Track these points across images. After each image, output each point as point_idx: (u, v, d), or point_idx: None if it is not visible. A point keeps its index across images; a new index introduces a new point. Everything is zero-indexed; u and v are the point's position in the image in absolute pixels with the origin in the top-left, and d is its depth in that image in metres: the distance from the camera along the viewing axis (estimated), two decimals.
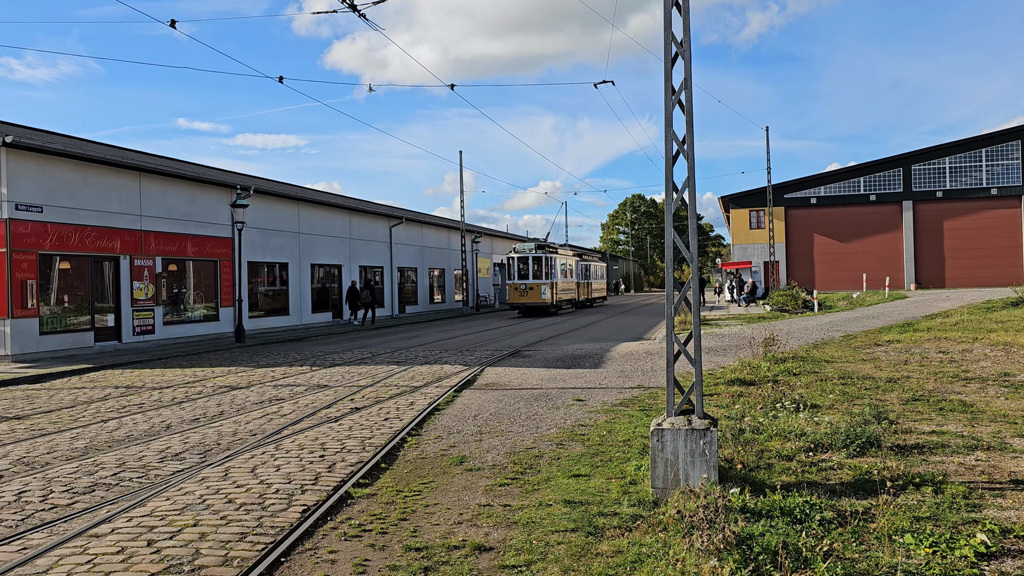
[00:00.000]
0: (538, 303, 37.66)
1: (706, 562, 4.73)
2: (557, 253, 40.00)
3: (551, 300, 38.00)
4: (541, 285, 37.69)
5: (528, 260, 37.94)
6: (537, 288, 37.74)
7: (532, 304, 37.81)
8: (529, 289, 37.70)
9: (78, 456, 8.68)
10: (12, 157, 19.25)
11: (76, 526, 6.07)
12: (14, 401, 13.23)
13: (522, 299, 37.94)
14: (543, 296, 37.52)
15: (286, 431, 9.85)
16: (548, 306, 37.95)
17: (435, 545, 5.50)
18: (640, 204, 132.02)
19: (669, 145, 6.64)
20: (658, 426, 6.47)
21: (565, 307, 42.41)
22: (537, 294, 37.68)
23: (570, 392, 12.64)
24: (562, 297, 40.41)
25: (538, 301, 37.60)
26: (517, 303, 38.21)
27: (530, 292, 37.67)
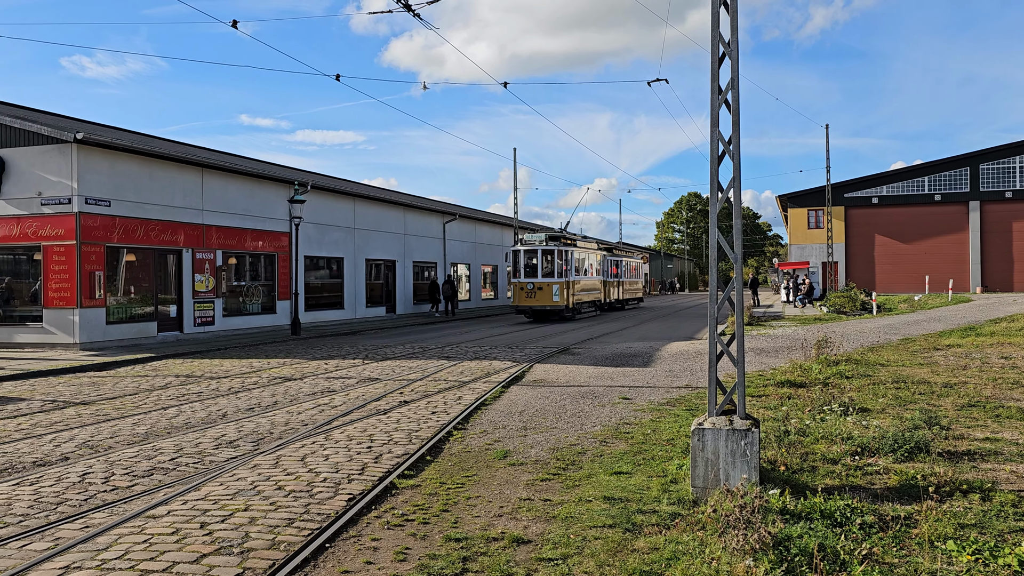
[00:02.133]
0: (548, 306, 31.33)
1: (740, 561, 4.75)
2: (575, 246, 33.82)
3: (566, 302, 31.78)
4: (552, 284, 31.22)
5: (537, 254, 31.55)
6: (547, 288, 31.26)
7: (541, 308, 31.46)
8: (537, 290, 31.26)
9: (139, 441, 9.05)
10: (82, 153, 20.03)
11: (135, 507, 6.36)
12: (81, 387, 13.80)
13: (528, 301, 31.53)
14: (554, 298, 31.18)
15: (336, 422, 10.11)
16: (561, 309, 31.71)
17: (474, 536, 5.62)
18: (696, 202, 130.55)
19: (715, 145, 6.64)
20: (699, 425, 6.48)
21: (586, 310, 36.06)
22: (547, 295, 31.25)
23: (617, 390, 12.66)
24: (581, 299, 34.35)
25: (548, 304, 31.25)
26: (523, 306, 31.81)
27: (538, 293, 31.26)
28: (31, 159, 20.21)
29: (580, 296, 34.01)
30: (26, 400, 12.36)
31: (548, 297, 31.31)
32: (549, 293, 31.32)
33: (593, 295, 36.63)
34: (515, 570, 4.98)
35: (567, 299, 31.91)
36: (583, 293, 34.61)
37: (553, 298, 31.22)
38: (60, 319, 20.05)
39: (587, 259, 35.82)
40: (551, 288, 31.31)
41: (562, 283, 31.55)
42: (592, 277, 36.59)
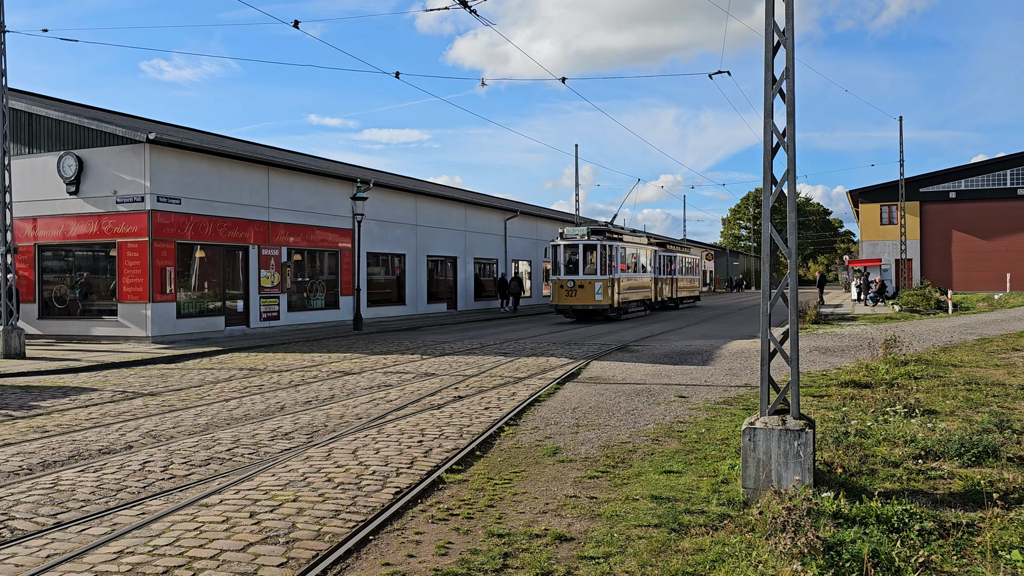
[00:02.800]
0: (590, 305, 29.06)
1: (787, 566, 4.60)
2: (621, 240, 31.54)
3: (611, 301, 29.46)
4: (595, 282, 28.87)
5: (578, 249, 29.32)
6: (589, 286, 28.95)
7: (582, 307, 29.23)
8: (579, 287, 28.94)
9: (199, 432, 9.30)
10: (154, 153, 20.70)
11: (189, 496, 6.53)
12: (150, 379, 14.27)
13: (569, 300, 29.25)
14: (597, 296, 28.85)
15: (390, 416, 10.20)
16: (606, 309, 29.36)
17: (517, 532, 5.59)
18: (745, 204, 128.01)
19: (768, 137, 6.45)
20: (750, 425, 6.32)
21: (634, 310, 33.47)
22: (589, 293, 28.97)
23: (673, 388, 12.46)
24: (628, 297, 31.82)
25: (590, 303, 29.00)
26: (563, 305, 29.58)
27: (579, 291, 28.96)
28: (107, 159, 20.99)
29: (627, 295, 31.72)
30: (98, 391, 12.84)
31: (590, 295, 29.00)
32: (591, 291, 29.00)
33: (642, 293, 34.30)
34: (555, 567, 4.93)
35: (612, 297, 29.58)
36: (630, 291, 32.32)
37: (595, 296, 28.90)
38: (133, 313, 20.79)
39: (636, 255, 33.74)
40: (593, 286, 28.98)
41: (606, 280, 29.22)
42: (641, 274, 34.40)
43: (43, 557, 5.13)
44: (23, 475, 7.29)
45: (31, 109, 21.95)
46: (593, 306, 29.10)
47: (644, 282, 34.80)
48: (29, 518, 5.97)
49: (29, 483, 6.98)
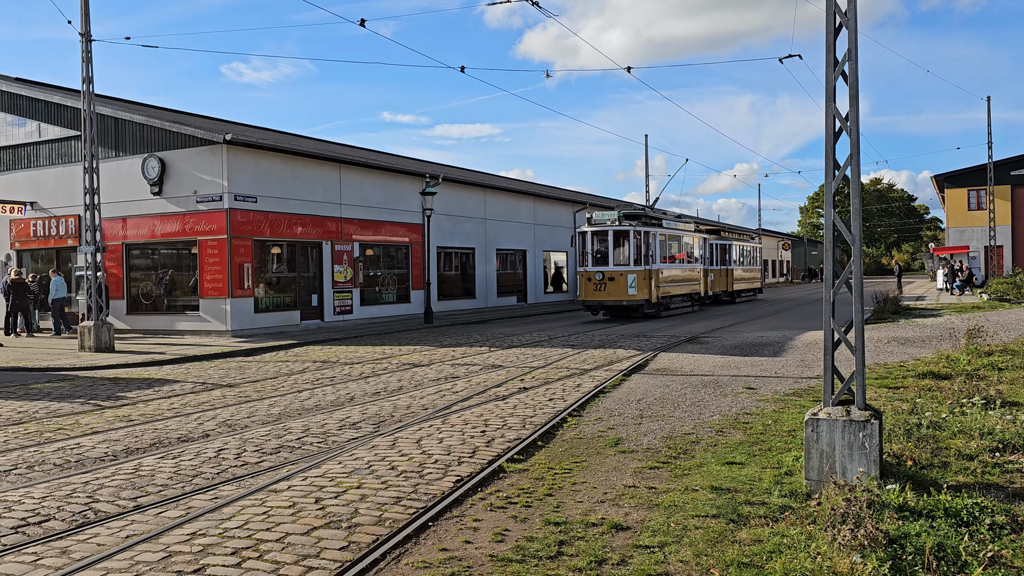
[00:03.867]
0: (624, 301, 25.48)
1: (846, 558, 4.51)
2: (659, 226, 27.98)
3: (648, 295, 25.86)
4: (627, 274, 25.33)
5: (608, 236, 25.75)
6: (621, 279, 25.39)
7: (614, 303, 25.70)
8: (608, 280, 25.43)
9: (272, 421, 9.63)
10: (231, 153, 21.41)
11: (259, 482, 6.78)
12: (228, 371, 14.82)
13: (597, 295, 25.76)
14: (630, 290, 25.30)
15: (455, 407, 10.35)
16: (640, 304, 25.76)
17: (574, 521, 5.63)
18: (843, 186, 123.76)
19: (830, 121, 6.30)
20: (813, 416, 6.20)
21: (677, 305, 29.62)
22: (620, 287, 25.40)
23: (742, 380, 12.27)
24: (669, 291, 28.24)
25: (622, 298, 25.43)
26: (591, 301, 26.11)
27: (609, 285, 25.46)
28: (187, 160, 21.82)
29: (667, 288, 28.10)
30: (180, 382, 13.40)
31: (621, 290, 25.50)
32: (623, 285, 25.48)
33: (687, 287, 30.58)
34: (609, 555, 4.95)
35: (649, 291, 26.05)
36: (672, 285, 28.65)
37: (628, 291, 25.41)
38: (214, 308, 21.58)
39: (679, 243, 30.19)
40: (625, 278, 25.45)
41: (641, 272, 25.64)
42: (686, 264, 30.77)
43: (123, 537, 5.42)
44: (108, 461, 7.70)
45: (117, 114, 22.97)
46: (627, 302, 25.57)
47: (691, 274, 31.20)
48: (112, 501, 6.30)
49: (113, 468, 7.36)
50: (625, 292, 25.47)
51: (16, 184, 25.14)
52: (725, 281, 36.53)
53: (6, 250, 25.55)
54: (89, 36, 18.30)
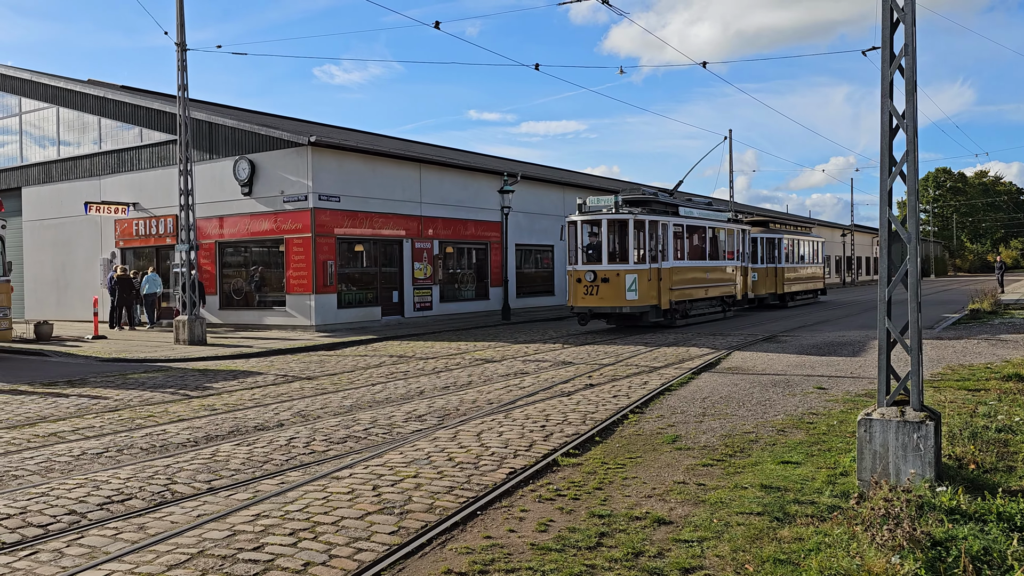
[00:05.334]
0: (622, 308, 20.25)
1: (883, 558, 4.49)
2: (675, 214, 22.91)
3: (655, 300, 20.88)
4: (625, 274, 20.13)
5: (601, 227, 20.66)
6: (618, 280, 20.14)
7: (609, 310, 20.50)
8: (601, 282, 20.25)
9: (342, 413, 10.05)
10: (316, 154, 22.21)
11: (323, 469, 7.15)
12: (309, 364, 15.44)
13: (587, 300, 20.51)
14: (629, 294, 20.08)
15: (520, 402, 10.56)
16: (645, 311, 20.65)
17: (618, 514, 5.74)
18: (945, 179, 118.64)
19: (885, 118, 6.19)
20: (867, 416, 6.12)
21: (701, 311, 24.38)
22: (616, 290, 20.12)
23: (814, 380, 12.04)
24: (690, 294, 23.21)
25: (619, 303, 20.17)
26: (580, 307, 20.81)
27: (602, 287, 20.25)
28: (274, 162, 22.75)
29: (684, 291, 22.75)
30: (263, 374, 14.06)
31: (618, 293, 20.14)
32: (619, 287, 20.13)
33: (716, 288, 25.13)
34: (647, 548, 5.05)
35: (656, 295, 20.98)
36: (692, 286, 23.34)
37: (627, 295, 20.10)
38: (299, 304, 22.44)
39: (704, 235, 24.82)
40: (622, 279, 20.12)
41: (644, 271, 20.39)
42: (714, 262, 25.24)
43: (194, 516, 5.83)
44: (189, 447, 8.23)
45: (211, 119, 24.13)
46: (627, 308, 20.31)
47: (721, 273, 25.59)
48: (188, 483, 6.77)
49: (192, 454, 7.87)
50: (622, 296, 20.14)
51: (120, 186, 26.71)
52: (773, 281, 31.29)
53: (111, 248, 27.18)
54: (184, 46, 19.31)
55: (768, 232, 31.69)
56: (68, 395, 11.93)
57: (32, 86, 29.39)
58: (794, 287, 33.45)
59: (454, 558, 4.96)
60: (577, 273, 20.85)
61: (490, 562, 4.86)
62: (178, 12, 19.18)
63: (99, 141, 27.61)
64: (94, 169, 27.62)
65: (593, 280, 20.34)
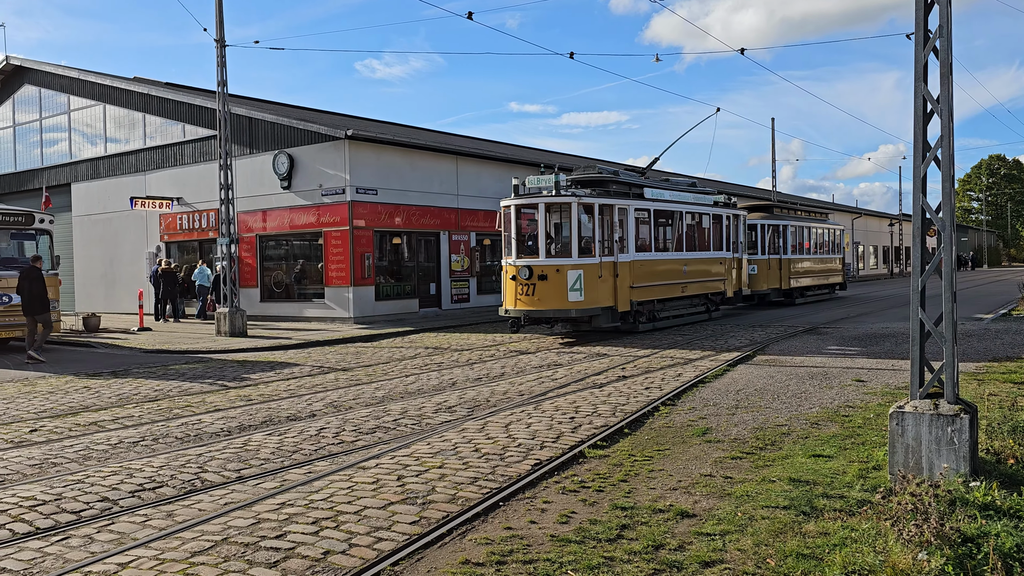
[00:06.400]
0: (570, 311, 16.59)
1: (910, 553, 4.37)
2: (639, 197, 18.84)
3: (608, 300, 17.16)
4: (567, 269, 16.51)
5: (537, 212, 16.94)
6: (558, 277, 16.48)
7: (553, 314, 16.79)
8: (539, 280, 16.50)
9: (374, 403, 10.12)
10: (353, 148, 22.39)
11: (351, 459, 7.21)
12: (345, 356, 15.59)
13: (522, 302, 16.79)
14: (572, 295, 16.47)
15: (551, 394, 10.53)
16: (595, 315, 16.88)
17: (641, 506, 5.69)
18: (999, 166, 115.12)
19: (919, 102, 6.01)
20: (899, 408, 5.97)
21: (675, 312, 20.24)
22: (556, 290, 16.47)
23: (853, 372, 11.80)
24: (656, 294, 19.02)
25: (561, 307, 16.51)
26: (514, 310, 17.01)
27: (540, 287, 16.51)
28: (313, 155, 22.99)
29: (655, 289, 18.93)
30: (299, 365, 14.24)
31: (557, 294, 16.45)
32: (559, 286, 16.44)
33: (701, 285, 21.26)
34: (668, 541, 4.99)
35: (611, 295, 17.25)
36: (663, 284, 19.32)
37: (568, 295, 16.44)
38: (338, 296, 22.68)
39: (680, 221, 20.59)
40: (563, 276, 16.47)
41: (592, 266, 16.73)
42: (694, 253, 21.02)
43: (222, 504, 5.93)
44: (221, 436, 8.36)
45: (251, 114, 24.46)
46: (575, 311, 16.59)
47: (702, 266, 21.42)
48: (218, 472, 6.88)
49: (225, 443, 8.00)
50: (563, 297, 16.45)
51: (164, 181, 27.25)
52: (776, 275, 27.22)
53: (156, 242, 27.77)
54: (223, 42, 19.59)
55: (770, 218, 27.55)
56: (111, 385, 12.22)
57: (80, 84, 30.11)
58: (803, 281, 29.22)
59: (473, 549, 4.96)
60: (510, 269, 17.10)
61: (508, 553, 4.85)
62: (217, 9, 19.46)
63: (144, 137, 28.19)
64: (139, 165, 28.22)
65: (528, 278, 16.60)
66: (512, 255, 17.12)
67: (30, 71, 31.94)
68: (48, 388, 12.05)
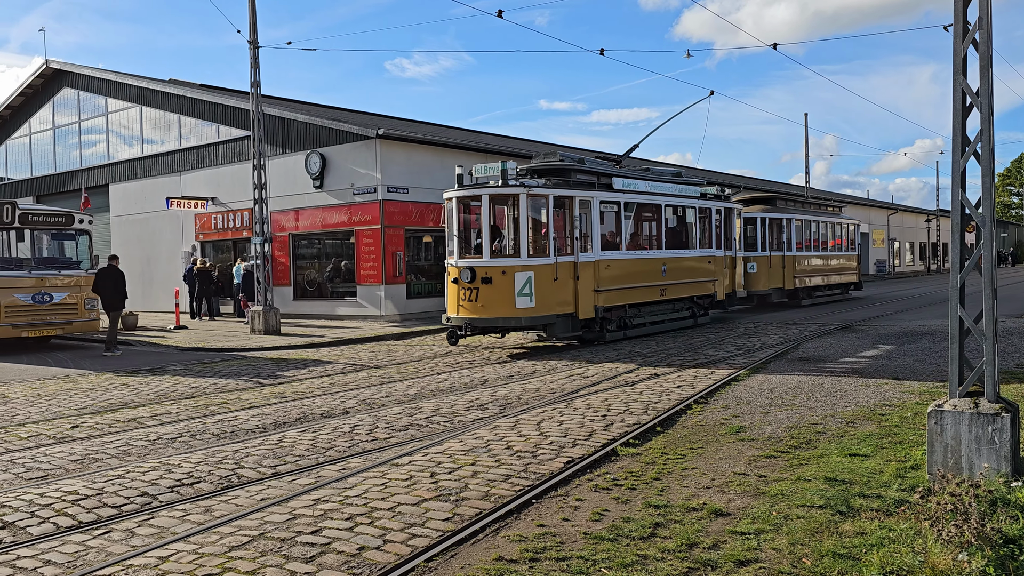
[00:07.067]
0: (510, 319, 14.69)
1: (949, 554, 4.31)
2: (607, 188, 16.76)
3: (567, 305, 15.23)
4: (516, 271, 14.57)
5: (481, 205, 15.05)
6: (504, 280, 14.58)
7: (503, 322, 14.84)
8: (482, 283, 14.58)
9: (406, 401, 10.19)
10: (384, 147, 22.53)
11: (384, 456, 7.26)
12: (377, 354, 15.70)
13: (465, 308, 14.83)
14: (521, 300, 14.52)
15: (582, 392, 10.52)
16: (551, 323, 15.03)
17: (675, 505, 5.67)
18: None
19: (959, 96, 5.91)
20: (938, 407, 5.88)
21: (655, 318, 18.08)
22: (502, 295, 14.57)
23: (890, 370, 11.64)
24: (628, 298, 16.90)
25: (508, 314, 14.60)
26: (456, 318, 15.03)
27: (484, 291, 14.60)
28: (344, 155, 23.17)
29: (626, 293, 16.80)
30: (332, 363, 14.37)
31: (504, 299, 14.51)
32: (506, 290, 14.50)
33: (684, 287, 18.85)
34: (702, 539, 4.97)
35: (571, 300, 15.28)
36: (636, 287, 17.14)
37: (516, 301, 14.46)
38: (370, 294, 22.84)
39: (659, 215, 18.52)
40: (510, 279, 14.50)
41: (545, 268, 14.73)
42: (674, 252, 18.72)
43: (258, 500, 6.01)
44: (257, 433, 8.48)
45: (283, 114, 24.72)
46: (526, 319, 14.64)
47: (685, 265, 19.05)
48: (254, 468, 6.98)
49: (260, 440, 8.11)
50: (510, 303, 14.46)
51: (199, 181, 27.63)
52: (779, 274, 24.96)
53: (191, 242, 28.17)
54: (256, 44, 19.82)
55: (772, 211, 25.32)
56: (149, 382, 12.43)
57: (117, 87, 30.63)
58: (811, 280, 26.86)
59: (506, 545, 4.97)
60: (452, 271, 15.10)
61: (541, 550, 4.86)
62: (250, 11, 19.69)
63: (179, 138, 28.61)
64: (175, 165, 28.65)
65: (471, 281, 14.58)
66: (455, 255, 15.23)
67: (69, 74, 32.57)
68: (88, 385, 12.29)
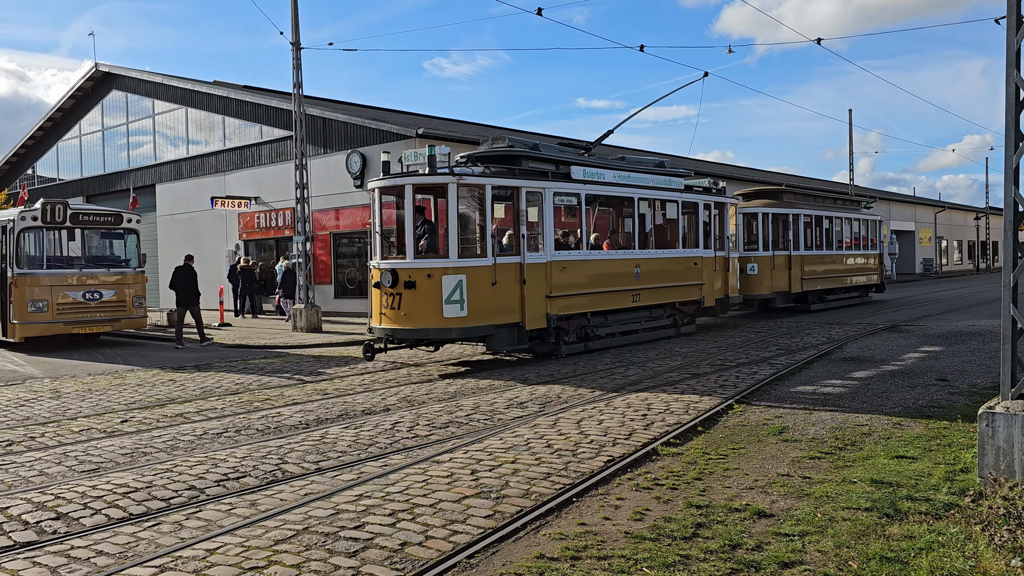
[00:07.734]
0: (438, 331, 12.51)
1: (1000, 560, 4.21)
2: (564, 179, 14.31)
3: (509, 315, 13.06)
4: (443, 275, 12.30)
5: (405, 197, 12.86)
6: (429, 284, 12.31)
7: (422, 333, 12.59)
8: (405, 287, 12.32)
9: (446, 399, 10.24)
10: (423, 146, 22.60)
11: (425, 453, 7.32)
12: (417, 351, 15.78)
13: (387, 317, 12.62)
14: (448, 308, 12.30)
15: (623, 390, 10.47)
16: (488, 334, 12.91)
17: (717, 505, 5.62)
18: None
19: (1011, 88, 5.76)
20: (989, 409, 5.74)
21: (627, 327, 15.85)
22: (427, 302, 12.33)
23: (937, 371, 11.40)
24: (590, 305, 14.69)
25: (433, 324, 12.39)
26: (379, 328, 12.83)
27: (407, 297, 12.37)
28: None
29: (587, 299, 14.66)
30: (373, 361, 14.47)
31: (429, 307, 12.41)
32: (432, 296, 12.40)
33: (664, 292, 16.54)
34: (745, 540, 4.92)
35: (517, 307, 13.24)
36: (600, 292, 14.93)
37: (444, 309, 12.36)
38: None
39: (631, 209, 16.16)
40: (437, 284, 12.38)
41: (480, 270, 12.69)
42: (647, 252, 16.24)
43: (302, 495, 6.10)
44: (300, 429, 8.60)
45: (324, 115, 25.01)
46: (456, 331, 12.61)
47: (664, 266, 16.64)
48: (298, 463, 7.08)
49: (303, 435, 8.22)
50: (437, 312, 12.35)
51: (242, 181, 28.09)
52: (784, 276, 22.23)
53: (235, 240, 28.65)
54: (298, 45, 20.08)
55: (776, 206, 22.54)
56: (195, 378, 12.68)
57: (164, 89, 31.27)
58: (824, 283, 24.21)
59: (547, 543, 4.98)
60: (374, 274, 13.03)
61: (583, 548, 4.86)
62: (292, 13, 19.95)
63: (223, 139, 29.11)
64: (219, 165, 29.16)
65: (393, 285, 12.45)
66: (376, 254, 13.13)
67: (117, 77, 33.34)
68: (136, 381, 12.57)
